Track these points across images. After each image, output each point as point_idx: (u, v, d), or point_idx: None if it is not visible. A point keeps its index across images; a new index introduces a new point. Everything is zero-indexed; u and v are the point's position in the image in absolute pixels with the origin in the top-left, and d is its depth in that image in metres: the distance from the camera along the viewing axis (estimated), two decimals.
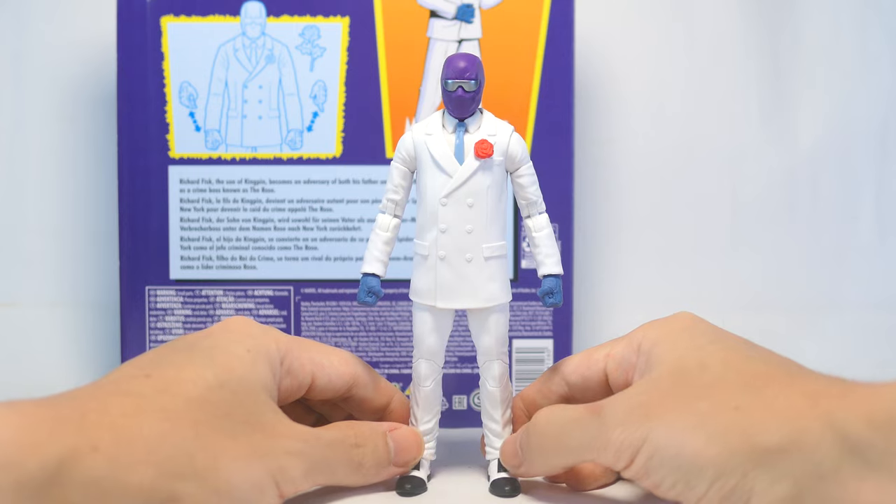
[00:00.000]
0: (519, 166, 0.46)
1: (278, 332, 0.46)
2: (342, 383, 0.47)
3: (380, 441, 0.46)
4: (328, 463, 0.43)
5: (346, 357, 0.48)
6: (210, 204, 0.60)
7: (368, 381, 0.48)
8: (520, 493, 0.46)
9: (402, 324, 0.60)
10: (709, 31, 0.73)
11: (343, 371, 0.47)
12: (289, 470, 0.41)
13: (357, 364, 0.48)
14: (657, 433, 0.38)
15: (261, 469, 0.39)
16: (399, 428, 0.47)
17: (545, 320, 0.60)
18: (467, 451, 0.53)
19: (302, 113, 0.60)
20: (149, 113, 0.59)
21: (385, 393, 0.49)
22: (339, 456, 0.44)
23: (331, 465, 0.43)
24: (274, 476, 0.40)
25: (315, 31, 0.59)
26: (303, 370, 0.46)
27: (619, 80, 0.72)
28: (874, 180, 0.74)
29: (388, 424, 0.47)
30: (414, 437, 0.47)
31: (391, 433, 0.46)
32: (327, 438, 0.43)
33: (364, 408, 0.49)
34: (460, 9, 0.59)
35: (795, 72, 0.73)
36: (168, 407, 0.38)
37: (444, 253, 0.46)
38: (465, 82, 0.45)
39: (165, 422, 0.37)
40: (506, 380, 0.48)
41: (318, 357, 0.47)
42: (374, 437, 0.45)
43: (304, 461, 0.41)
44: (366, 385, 0.48)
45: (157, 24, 0.59)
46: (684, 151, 0.73)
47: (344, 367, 0.47)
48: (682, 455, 0.37)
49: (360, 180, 0.60)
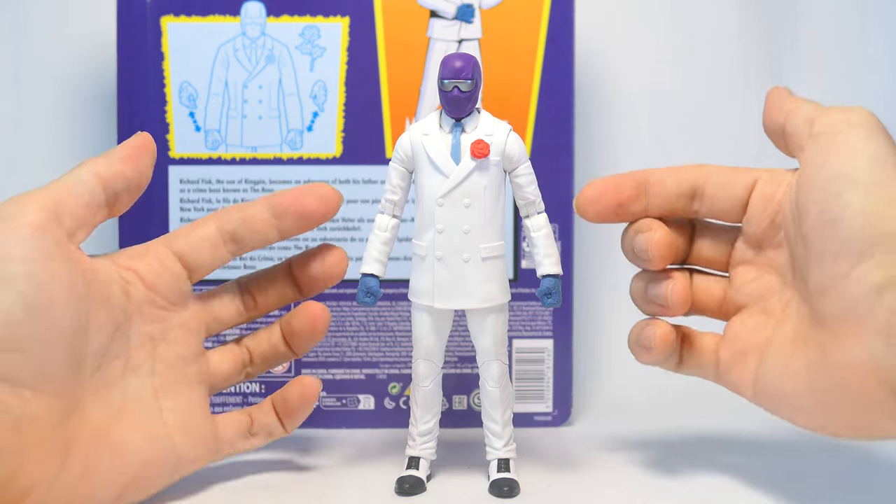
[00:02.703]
0: (517, 166, 0.46)
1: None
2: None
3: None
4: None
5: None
6: (210, 204, 0.60)
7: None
8: (519, 494, 0.46)
9: (402, 324, 0.60)
10: (709, 31, 0.73)
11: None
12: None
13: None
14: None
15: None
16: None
17: (545, 320, 0.60)
18: (467, 451, 0.53)
19: (302, 113, 0.60)
20: (149, 113, 0.59)
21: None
22: None
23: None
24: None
25: (315, 31, 0.59)
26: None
27: (619, 80, 0.72)
28: None
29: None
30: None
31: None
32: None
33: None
34: (460, 9, 0.59)
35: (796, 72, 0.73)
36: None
37: (442, 253, 0.46)
38: (462, 82, 0.45)
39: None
40: (505, 380, 0.48)
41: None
42: None
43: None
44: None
45: (157, 23, 0.59)
46: (684, 151, 0.73)
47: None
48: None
49: (360, 180, 0.60)
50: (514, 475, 0.47)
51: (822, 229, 0.39)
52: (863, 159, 0.39)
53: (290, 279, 0.50)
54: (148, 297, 0.45)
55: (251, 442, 0.49)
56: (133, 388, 0.43)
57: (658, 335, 0.46)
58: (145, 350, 0.44)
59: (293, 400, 0.48)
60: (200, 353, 0.47)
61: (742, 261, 0.46)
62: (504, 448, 0.48)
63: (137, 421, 0.43)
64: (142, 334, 0.44)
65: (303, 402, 0.48)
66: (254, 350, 0.50)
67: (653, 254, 0.45)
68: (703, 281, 0.48)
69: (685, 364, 0.48)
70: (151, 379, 0.44)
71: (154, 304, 0.45)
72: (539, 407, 0.61)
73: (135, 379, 0.44)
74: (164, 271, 0.45)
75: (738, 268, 0.46)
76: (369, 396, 0.60)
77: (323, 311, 0.49)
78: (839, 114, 0.41)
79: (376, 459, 0.53)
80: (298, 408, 0.48)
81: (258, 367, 0.50)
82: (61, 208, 0.41)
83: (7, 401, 0.37)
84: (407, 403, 0.60)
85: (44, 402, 0.38)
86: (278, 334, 0.50)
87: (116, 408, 0.42)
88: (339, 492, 0.47)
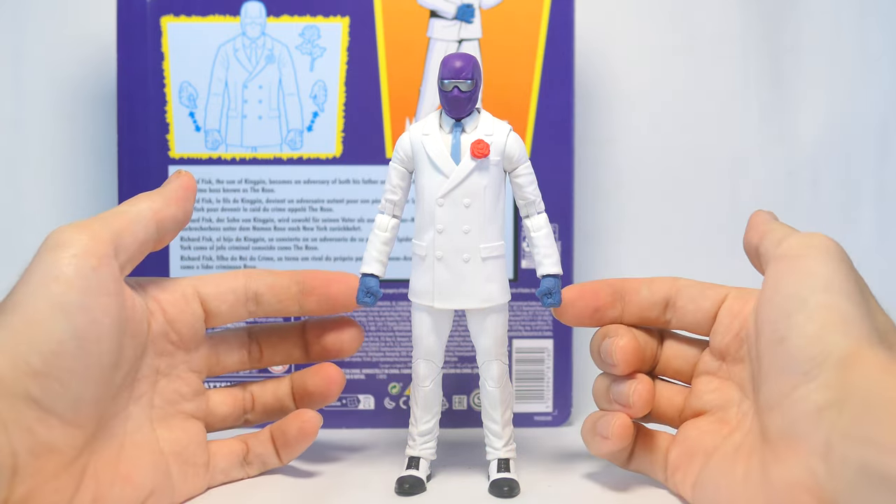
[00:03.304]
0: (517, 166, 0.46)
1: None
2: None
3: None
4: None
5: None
6: (210, 204, 0.60)
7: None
8: (519, 494, 0.46)
9: (402, 324, 0.60)
10: (709, 31, 0.73)
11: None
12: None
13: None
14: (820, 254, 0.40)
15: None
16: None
17: (545, 320, 0.60)
18: (467, 451, 0.53)
19: (302, 113, 0.60)
20: (149, 113, 0.59)
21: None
22: None
23: None
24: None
25: (315, 31, 0.59)
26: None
27: (619, 80, 0.72)
28: (874, 180, 0.74)
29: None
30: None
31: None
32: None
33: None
34: (460, 9, 0.59)
35: (796, 72, 0.73)
36: None
37: (442, 253, 0.46)
38: (462, 82, 0.45)
39: None
40: (505, 380, 0.48)
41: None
42: None
43: None
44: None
45: (157, 24, 0.59)
46: (684, 151, 0.73)
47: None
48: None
49: (360, 180, 0.60)
50: (514, 475, 0.47)
51: (773, 347, 0.40)
52: (815, 282, 0.39)
53: (302, 341, 0.50)
54: (164, 330, 0.45)
55: (245, 471, 0.49)
56: (134, 417, 0.43)
57: (617, 425, 0.46)
58: (149, 381, 0.44)
59: (292, 433, 0.48)
60: (200, 391, 0.47)
61: (706, 371, 0.47)
62: (504, 448, 0.48)
63: (141, 450, 0.43)
64: (150, 366, 0.44)
65: (301, 436, 0.48)
66: (257, 398, 0.50)
67: (618, 358, 0.46)
68: (667, 388, 0.49)
69: (636, 459, 0.48)
70: (150, 410, 0.44)
71: (167, 339, 0.45)
72: (539, 407, 0.61)
73: (136, 408, 0.44)
74: (187, 309, 0.46)
75: (701, 377, 0.47)
76: (369, 396, 0.60)
77: (340, 376, 0.50)
78: (802, 238, 0.42)
79: (376, 459, 0.53)
80: (296, 442, 0.48)
81: (259, 415, 0.50)
82: (120, 242, 0.41)
83: (34, 426, 0.37)
84: (407, 403, 0.60)
85: (68, 432, 0.38)
86: (287, 389, 0.50)
87: (122, 437, 0.42)
88: (339, 492, 0.47)
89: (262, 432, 0.49)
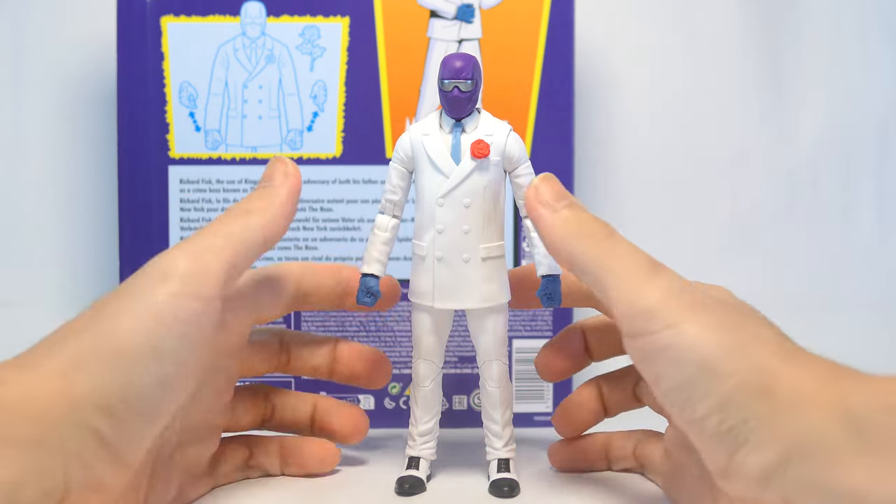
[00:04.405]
0: (517, 166, 0.46)
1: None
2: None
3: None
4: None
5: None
6: (210, 204, 0.60)
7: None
8: (519, 494, 0.46)
9: (402, 324, 0.60)
10: (709, 31, 0.73)
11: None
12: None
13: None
14: (688, 326, 0.36)
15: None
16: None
17: (545, 320, 0.60)
18: (467, 451, 0.53)
19: (302, 113, 0.60)
20: (149, 113, 0.59)
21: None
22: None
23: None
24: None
25: (315, 31, 0.59)
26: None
27: (619, 80, 0.72)
28: (874, 180, 0.74)
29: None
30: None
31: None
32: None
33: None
34: (460, 9, 0.59)
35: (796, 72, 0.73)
36: None
37: (442, 253, 0.46)
38: (462, 82, 0.45)
39: None
40: (505, 380, 0.48)
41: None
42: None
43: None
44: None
45: (157, 24, 0.59)
46: (684, 151, 0.73)
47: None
48: (702, 353, 0.35)
49: (360, 180, 0.60)
50: (514, 475, 0.47)
51: (690, 430, 0.38)
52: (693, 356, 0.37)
53: (331, 359, 0.50)
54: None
55: (245, 474, 0.49)
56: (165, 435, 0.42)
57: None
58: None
59: (311, 462, 0.48)
60: (229, 405, 0.47)
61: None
62: (504, 448, 0.48)
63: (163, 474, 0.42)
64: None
65: (319, 467, 0.49)
66: (277, 411, 0.50)
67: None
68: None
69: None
70: (181, 435, 0.43)
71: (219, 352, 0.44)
72: (539, 407, 0.61)
73: (168, 432, 0.42)
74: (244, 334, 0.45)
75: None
76: (369, 396, 0.60)
77: (366, 424, 0.50)
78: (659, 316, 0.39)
79: (376, 459, 0.53)
80: (312, 468, 0.49)
81: (274, 427, 0.50)
82: (231, 273, 0.39)
83: (92, 461, 0.35)
84: (407, 403, 0.60)
85: (119, 471, 0.36)
86: (307, 411, 0.50)
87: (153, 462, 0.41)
88: (340, 492, 0.47)
89: (270, 442, 0.49)
